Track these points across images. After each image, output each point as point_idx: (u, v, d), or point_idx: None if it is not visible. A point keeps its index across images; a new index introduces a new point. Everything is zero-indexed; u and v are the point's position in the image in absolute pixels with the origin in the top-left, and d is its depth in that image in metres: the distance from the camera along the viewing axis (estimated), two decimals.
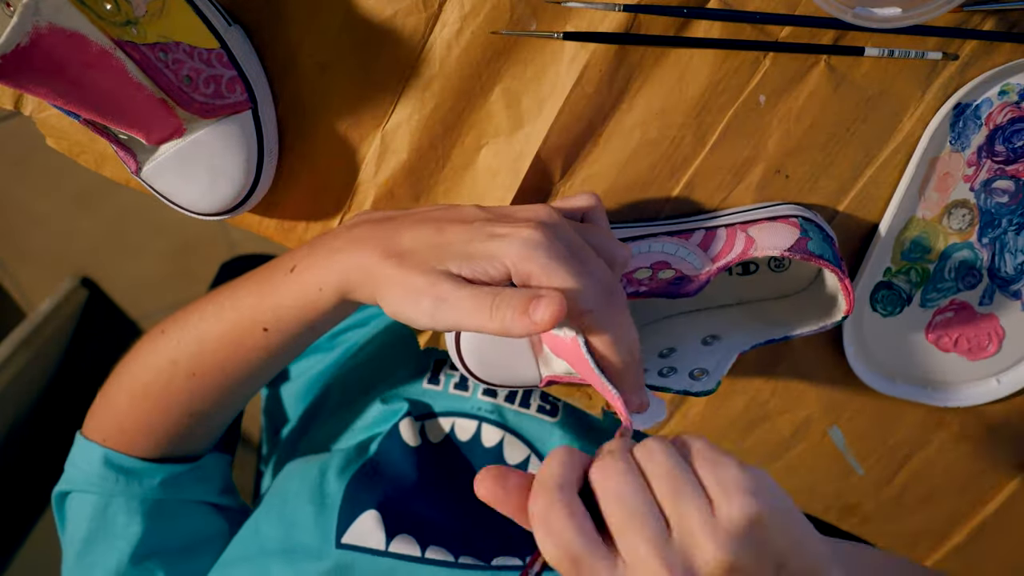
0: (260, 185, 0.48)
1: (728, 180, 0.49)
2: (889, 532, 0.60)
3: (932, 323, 0.53)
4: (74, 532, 0.54)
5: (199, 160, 0.46)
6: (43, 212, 1.31)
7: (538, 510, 0.31)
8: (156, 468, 0.53)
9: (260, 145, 0.47)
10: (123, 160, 0.46)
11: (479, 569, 0.52)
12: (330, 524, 0.53)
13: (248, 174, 0.47)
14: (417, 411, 0.61)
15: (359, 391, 0.66)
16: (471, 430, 0.61)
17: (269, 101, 0.48)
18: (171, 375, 0.50)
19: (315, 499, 0.54)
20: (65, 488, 0.55)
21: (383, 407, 0.62)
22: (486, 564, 0.52)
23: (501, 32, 0.46)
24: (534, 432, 0.61)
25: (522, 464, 0.60)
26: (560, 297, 0.33)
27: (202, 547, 0.56)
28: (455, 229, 0.39)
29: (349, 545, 0.52)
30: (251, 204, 0.49)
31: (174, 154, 0.46)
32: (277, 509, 0.55)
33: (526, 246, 0.36)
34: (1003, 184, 0.49)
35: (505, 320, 0.34)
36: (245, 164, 0.47)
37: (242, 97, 0.46)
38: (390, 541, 0.52)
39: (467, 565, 0.52)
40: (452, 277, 0.36)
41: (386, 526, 0.52)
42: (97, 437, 0.54)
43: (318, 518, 0.53)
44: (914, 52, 0.45)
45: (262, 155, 0.48)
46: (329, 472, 0.56)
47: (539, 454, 0.61)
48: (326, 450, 0.63)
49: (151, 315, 1.46)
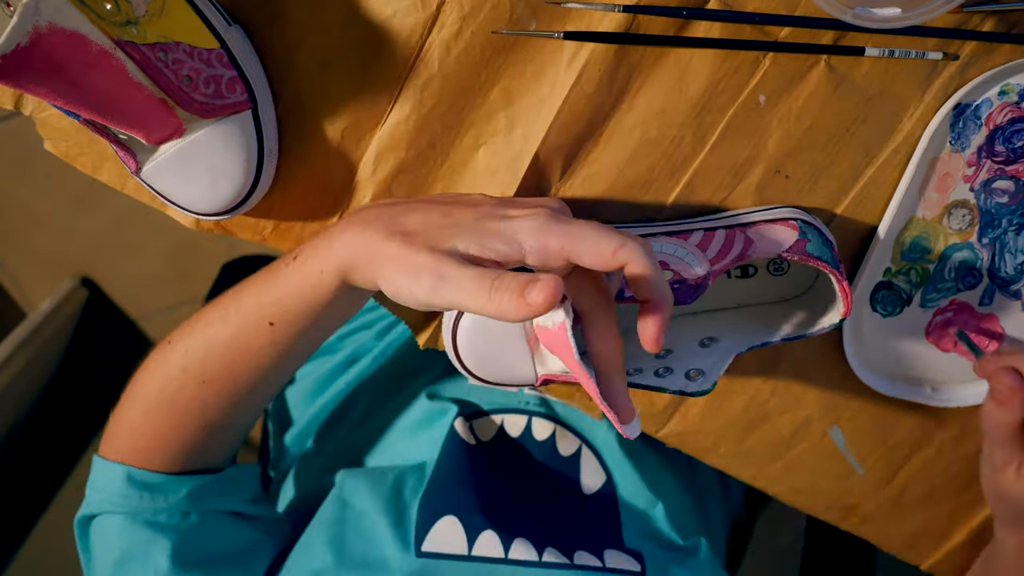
0: (260, 185, 0.48)
1: (728, 180, 0.49)
2: (889, 532, 0.60)
3: (932, 323, 0.53)
4: (104, 556, 0.53)
5: (199, 160, 0.46)
6: (43, 212, 1.32)
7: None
8: (179, 481, 0.53)
9: (260, 145, 0.47)
10: (123, 160, 0.46)
11: (564, 568, 0.51)
12: (408, 534, 0.52)
13: (248, 174, 0.47)
14: (465, 410, 0.61)
15: (388, 392, 0.66)
16: (521, 425, 0.61)
17: (269, 101, 0.48)
18: (181, 383, 0.49)
19: (389, 510, 0.54)
20: (88, 512, 0.54)
21: (429, 404, 0.62)
22: (569, 562, 0.52)
23: (502, 32, 0.46)
24: (583, 423, 0.62)
25: (575, 455, 0.61)
26: (556, 280, 0.33)
27: (237, 558, 0.55)
28: (465, 211, 0.39)
29: (430, 553, 0.51)
30: (251, 204, 0.49)
31: (174, 154, 0.46)
32: (352, 523, 0.54)
33: (543, 219, 0.36)
34: (1003, 184, 0.49)
35: (503, 303, 0.34)
36: (245, 164, 0.47)
37: (242, 97, 0.46)
38: (472, 543, 0.52)
39: (551, 564, 0.51)
40: (457, 257, 0.36)
41: (466, 529, 0.52)
42: (115, 457, 0.53)
43: (395, 530, 0.53)
44: (914, 52, 0.45)
45: (262, 155, 0.48)
46: (400, 482, 0.56)
47: (590, 444, 0.61)
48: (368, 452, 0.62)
49: (151, 315, 1.46)
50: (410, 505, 0.55)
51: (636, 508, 0.59)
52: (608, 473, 0.60)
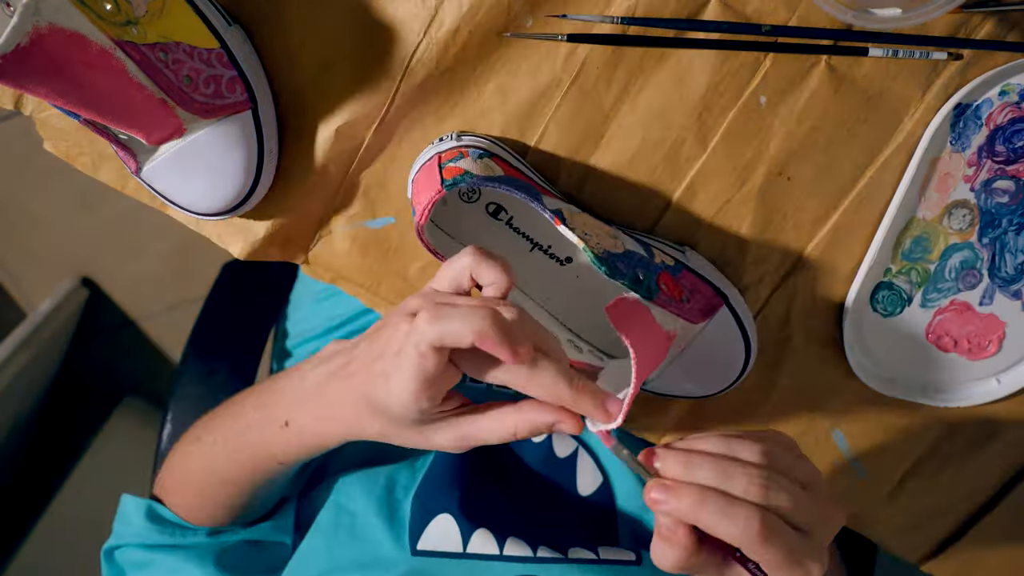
0: (260, 185, 0.48)
1: (730, 183, 0.49)
2: (890, 532, 0.60)
3: (932, 323, 0.53)
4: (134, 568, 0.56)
5: (199, 160, 0.46)
6: (43, 212, 1.32)
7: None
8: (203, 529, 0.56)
9: (260, 145, 0.47)
10: (123, 160, 0.46)
11: (558, 563, 0.51)
12: (403, 533, 0.53)
13: (248, 174, 0.47)
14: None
15: None
16: None
17: (269, 101, 0.48)
18: (203, 482, 0.54)
19: (382, 511, 0.54)
20: (114, 543, 0.57)
21: None
22: (563, 556, 0.52)
23: (507, 35, 0.46)
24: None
25: (571, 456, 0.60)
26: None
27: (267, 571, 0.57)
28: (383, 336, 0.40)
29: (425, 551, 0.52)
30: (251, 204, 0.49)
31: (174, 154, 0.46)
32: (347, 526, 0.55)
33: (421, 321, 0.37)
34: (1003, 184, 0.49)
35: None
36: (245, 164, 0.47)
37: (242, 97, 0.46)
38: (467, 540, 0.52)
39: (546, 559, 0.51)
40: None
41: (461, 526, 0.53)
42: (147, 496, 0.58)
43: (390, 529, 0.53)
44: (918, 52, 0.45)
45: (262, 155, 0.48)
46: (392, 481, 0.56)
47: (587, 447, 0.61)
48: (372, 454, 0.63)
49: (151, 315, 1.46)
50: (402, 503, 0.55)
51: (633, 511, 0.59)
52: (605, 475, 0.60)
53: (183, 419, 0.77)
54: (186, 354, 0.80)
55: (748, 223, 0.50)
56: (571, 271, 0.50)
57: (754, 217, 0.50)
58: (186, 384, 0.78)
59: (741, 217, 0.50)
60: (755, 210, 0.50)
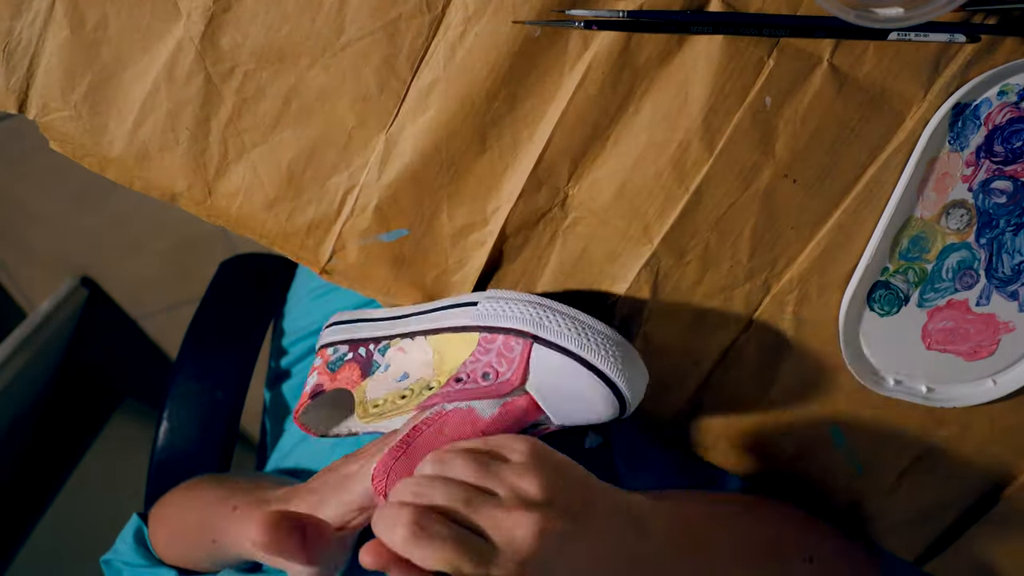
0: None
1: (736, 186, 0.49)
2: (889, 531, 0.61)
3: (929, 323, 0.53)
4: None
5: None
6: (43, 212, 1.31)
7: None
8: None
9: None
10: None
11: None
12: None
13: None
14: None
15: None
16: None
17: None
18: (184, 541, 0.60)
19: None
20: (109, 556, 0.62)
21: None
22: None
23: (524, 22, 0.45)
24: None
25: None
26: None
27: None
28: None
29: None
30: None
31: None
32: None
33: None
34: (1001, 184, 0.49)
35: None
36: None
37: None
38: None
39: None
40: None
41: None
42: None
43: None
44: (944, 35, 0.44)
45: None
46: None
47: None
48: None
49: (151, 314, 1.46)
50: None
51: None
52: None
53: (179, 416, 0.76)
54: (183, 352, 0.80)
55: (751, 225, 0.50)
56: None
57: (757, 219, 0.50)
58: (182, 382, 0.78)
59: (744, 220, 0.50)
60: (758, 212, 0.50)
